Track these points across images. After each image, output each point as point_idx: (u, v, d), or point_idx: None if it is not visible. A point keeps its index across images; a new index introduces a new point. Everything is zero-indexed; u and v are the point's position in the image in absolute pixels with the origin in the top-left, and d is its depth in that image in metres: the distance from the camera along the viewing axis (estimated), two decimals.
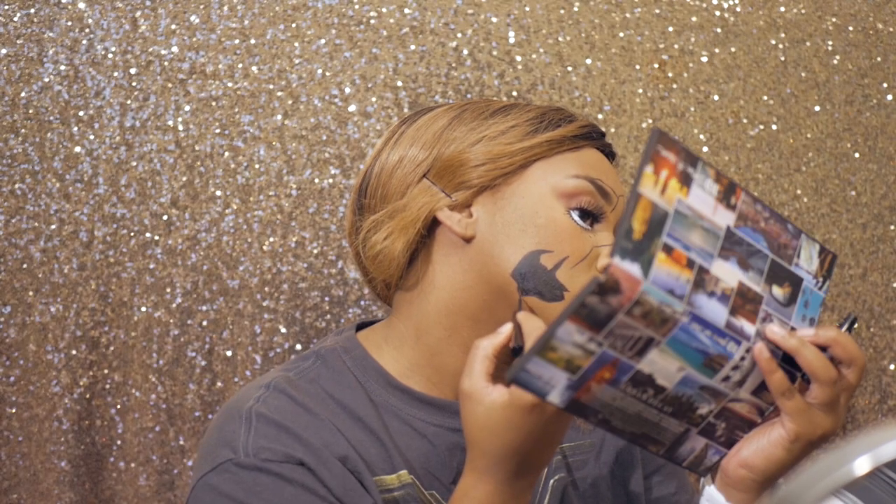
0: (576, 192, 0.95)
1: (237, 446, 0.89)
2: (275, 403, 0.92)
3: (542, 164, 0.97)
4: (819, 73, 1.52)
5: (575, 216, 0.94)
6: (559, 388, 0.76)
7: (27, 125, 1.45)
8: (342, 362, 0.97)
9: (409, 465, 0.94)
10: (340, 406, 0.95)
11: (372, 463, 0.92)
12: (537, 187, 0.95)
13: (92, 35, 1.45)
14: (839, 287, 1.51)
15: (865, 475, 0.53)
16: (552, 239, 0.93)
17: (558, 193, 0.95)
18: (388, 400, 0.96)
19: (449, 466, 0.95)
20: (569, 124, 0.99)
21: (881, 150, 1.53)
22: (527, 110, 1.01)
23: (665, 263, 0.76)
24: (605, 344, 0.75)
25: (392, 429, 0.95)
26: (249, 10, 1.46)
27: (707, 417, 0.85)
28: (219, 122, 1.46)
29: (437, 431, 0.96)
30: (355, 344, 0.99)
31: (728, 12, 1.51)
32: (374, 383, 0.97)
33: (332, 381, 0.96)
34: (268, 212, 1.46)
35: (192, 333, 1.46)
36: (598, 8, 1.49)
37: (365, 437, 0.93)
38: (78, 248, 1.45)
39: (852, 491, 0.55)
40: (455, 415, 0.96)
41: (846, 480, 0.53)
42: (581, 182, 0.95)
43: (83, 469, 1.46)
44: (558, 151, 0.97)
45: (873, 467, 0.53)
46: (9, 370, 1.45)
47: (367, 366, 0.97)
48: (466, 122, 1.00)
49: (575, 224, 0.94)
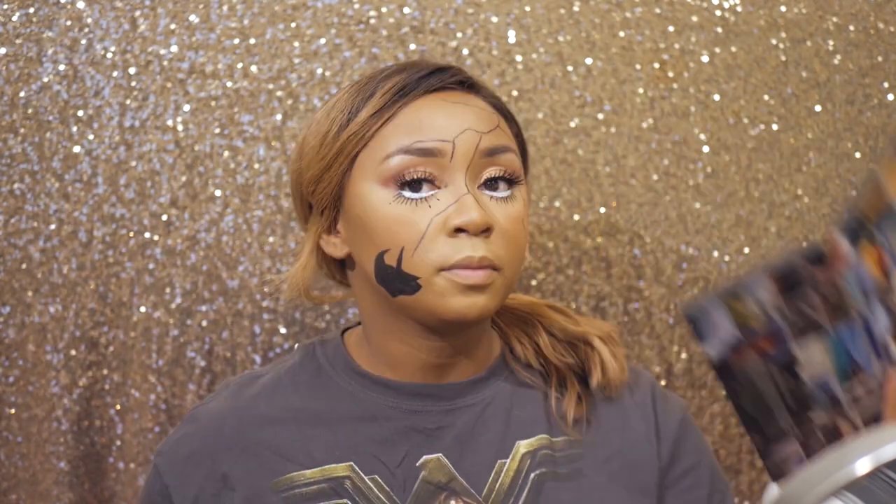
0: (394, 172, 0.92)
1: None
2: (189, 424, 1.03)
3: (361, 156, 0.94)
4: (820, 73, 1.52)
5: (407, 194, 0.91)
6: (721, 341, 0.73)
7: (26, 125, 1.45)
8: (315, 356, 1.03)
9: (354, 450, 0.97)
10: (287, 407, 1.00)
11: (290, 459, 0.96)
12: (361, 187, 0.94)
13: (91, 35, 1.45)
14: None
15: (866, 475, 0.53)
16: (385, 235, 0.92)
17: (382, 181, 0.92)
18: (347, 385, 1.00)
19: (397, 449, 0.97)
20: (374, 95, 0.95)
21: (882, 150, 1.52)
22: (345, 94, 0.97)
23: (870, 258, 0.72)
24: (782, 312, 0.72)
25: (344, 417, 0.98)
26: (249, 10, 1.46)
27: (815, 426, 0.81)
28: (218, 122, 1.46)
29: (391, 413, 0.98)
30: (335, 337, 1.05)
31: (729, 12, 1.51)
32: (340, 371, 1.01)
33: (296, 375, 1.02)
34: (268, 212, 1.46)
35: (191, 334, 1.46)
36: (598, 7, 1.49)
37: (304, 431, 0.98)
38: (77, 248, 1.45)
39: (853, 491, 0.55)
40: (413, 396, 0.99)
41: (847, 481, 0.53)
42: (395, 160, 0.92)
43: (82, 469, 1.46)
44: (374, 133, 0.94)
45: (874, 468, 0.53)
46: (8, 370, 1.45)
47: (336, 356, 1.02)
48: (315, 123, 1.00)
49: (403, 208, 0.91)
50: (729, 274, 1.50)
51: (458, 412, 1.00)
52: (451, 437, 0.98)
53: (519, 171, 0.96)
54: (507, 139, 0.96)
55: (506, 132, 0.97)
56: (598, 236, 1.49)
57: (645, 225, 1.48)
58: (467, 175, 0.92)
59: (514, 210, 0.95)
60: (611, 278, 1.48)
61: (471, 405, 1.00)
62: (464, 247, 0.90)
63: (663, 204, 1.49)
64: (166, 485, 0.99)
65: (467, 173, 0.92)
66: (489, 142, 0.93)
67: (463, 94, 0.96)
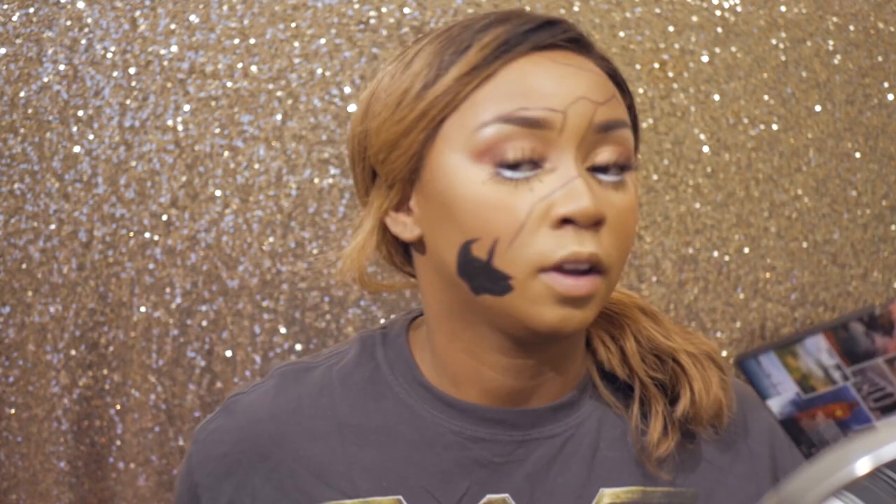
0: (490, 145, 0.74)
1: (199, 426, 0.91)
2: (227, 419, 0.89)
3: (450, 122, 0.77)
4: (820, 73, 1.52)
5: (505, 173, 0.74)
6: (783, 398, 0.70)
7: (26, 125, 1.45)
8: (374, 354, 0.87)
9: (405, 482, 0.82)
10: (333, 416, 0.85)
11: (330, 484, 0.83)
12: (448, 160, 0.76)
13: (91, 35, 1.45)
14: (839, 287, 1.50)
15: (866, 475, 0.53)
16: (475, 222, 0.75)
17: (474, 155, 0.75)
18: (407, 398, 0.84)
19: (456, 485, 0.82)
20: (469, 49, 0.77)
21: (882, 150, 1.52)
22: (430, 45, 0.79)
23: None
24: (850, 380, 0.69)
25: (397, 438, 0.83)
26: (249, 10, 1.46)
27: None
28: (218, 122, 1.46)
29: (453, 439, 0.82)
30: (400, 331, 0.88)
31: (729, 12, 1.50)
32: (400, 377, 0.85)
33: (350, 375, 0.87)
34: (268, 212, 1.46)
35: (191, 334, 1.46)
36: (598, 7, 1.49)
37: (349, 450, 0.84)
38: (77, 248, 1.45)
39: (853, 491, 0.55)
40: (481, 422, 0.82)
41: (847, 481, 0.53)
42: (493, 129, 0.74)
43: (82, 469, 1.45)
44: (467, 95, 0.76)
45: (874, 467, 0.53)
46: (8, 371, 1.45)
47: (398, 358, 0.86)
48: (389, 77, 0.81)
49: (499, 190, 0.74)
50: (729, 274, 1.50)
51: (532, 444, 0.83)
52: (521, 475, 0.82)
53: (632, 153, 0.79)
54: (623, 112, 0.79)
55: (621, 104, 0.79)
56: None
57: (645, 225, 1.48)
58: (578, 153, 0.75)
59: (626, 199, 0.77)
60: None
61: (549, 437, 0.83)
62: (569, 241, 0.74)
63: (663, 204, 1.49)
64: (196, 484, 0.87)
65: (578, 151, 0.75)
66: (605, 115, 0.76)
67: (576, 55, 0.78)
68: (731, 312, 1.49)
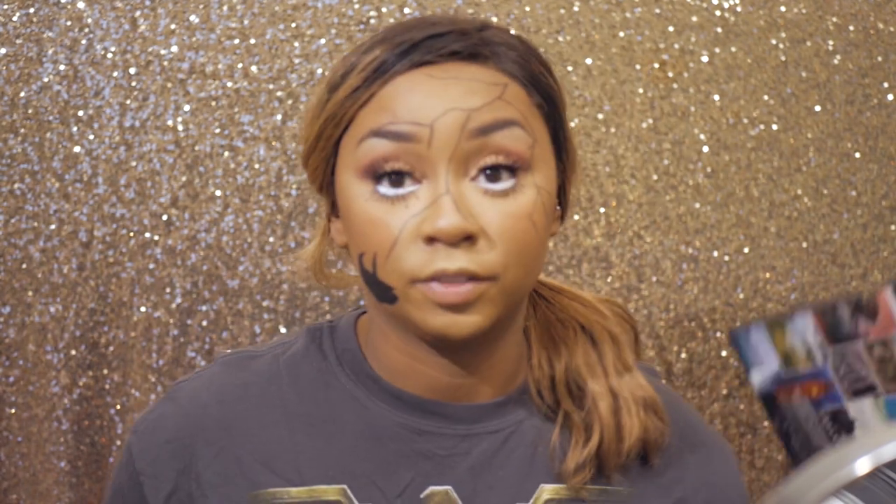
0: (367, 161, 0.77)
1: None
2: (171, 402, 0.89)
3: (343, 141, 0.80)
4: (820, 73, 1.52)
5: (383, 190, 0.77)
6: (765, 372, 0.72)
7: (26, 125, 1.45)
8: (322, 346, 0.89)
9: (351, 471, 0.83)
10: (280, 405, 0.86)
11: (275, 471, 0.83)
12: (344, 177, 0.79)
13: (91, 35, 1.45)
14: (840, 287, 1.51)
15: (866, 475, 0.53)
16: (361, 237, 0.78)
17: (358, 173, 0.77)
18: (354, 389, 0.85)
19: (400, 475, 0.83)
20: (352, 71, 0.79)
21: (882, 150, 1.52)
22: (342, 57, 0.82)
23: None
24: (830, 360, 0.70)
25: (344, 428, 0.84)
26: (249, 10, 1.46)
27: None
28: (218, 122, 1.46)
29: (398, 431, 0.84)
30: (348, 324, 0.89)
31: (728, 12, 1.51)
32: (348, 369, 0.87)
33: (297, 365, 0.88)
34: (268, 212, 1.46)
35: (191, 334, 1.46)
36: (598, 8, 1.49)
37: (296, 439, 0.84)
38: (77, 248, 1.45)
39: (853, 491, 0.55)
40: (427, 414, 0.84)
41: (847, 480, 0.53)
42: (367, 144, 0.77)
43: (82, 469, 1.45)
44: (352, 115, 0.78)
45: (874, 468, 0.53)
46: (8, 370, 1.45)
47: (346, 350, 0.87)
48: (319, 84, 0.84)
49: (378, 207, 0.76)
50: (729, 274, 1.50)
51: (475, 439, 0.84)
52: (464, 468, 0.83)
53: (526, 153, 0.78)
54: (510, 111, 0.78)
55: (513, 103, 0.78)
56: (598, 236, 1.49)
57: (645, 225, 1.48)
58: (451, 166, 0.76)
59: (516, 206, 0.77)
60: (611, 278, 1.48)
61: (493, 432, 0.85)
62: (438, 257, 0.75)
63: (663, 204, 1.49)
64: (138, 472, 0.86)
65: (451, 164, 0.76)
66: (481, 119, 0.76)
67: (460, 64, 0.78)
68: (731, 312, 1.49)
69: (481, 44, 0.79)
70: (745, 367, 0.73)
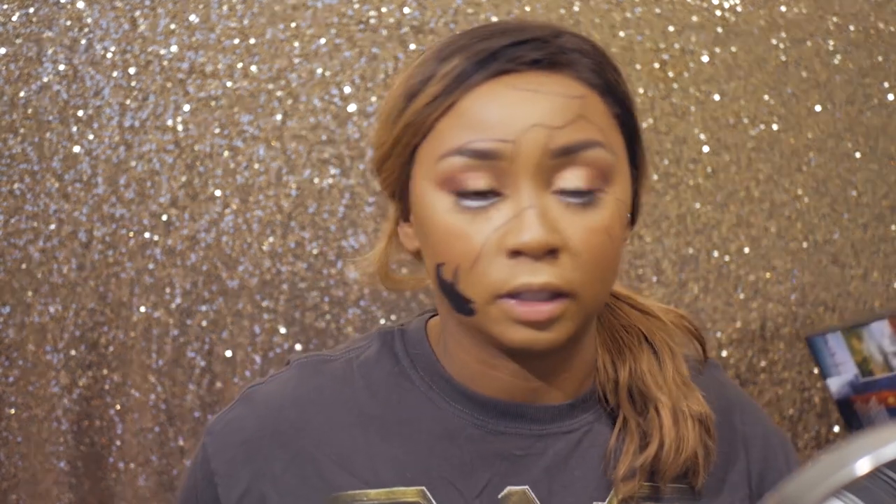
0: (448, 175, 0.77)
1: None
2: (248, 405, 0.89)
3: (421, 149, 0.79)
4: (820, 73, 1.52)
5: (465, 203, 0.77)
6: (842, 379, 0.72)
7: (26, 125, 1.45)
8: (394, 349, 0.89)
9: (428, 473, 0.83)
10: (355, 408, 0.86)
11: (353, 473, 0.84)
12: (421, 184, 0.79)
13: (91, 35, 1.45)
14: (840, 287, 1.50)
15: (866, 475, 0.53)
16: (441, 247, 0.78)
17: (438, 184, 0.78)
18: (428, 391, 0.86)
19: (478, 476, 0.83)
20: (432, 78, 0.78)
21: (882, 150, 1.52)
22: (416, 63, 0.81)
23: None
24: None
25: (420, 430, 0.85)
26: (249, 10, 1.46)
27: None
28: (218, 122, 1.46)
29: (475, 433, 0.84)
30: (419, 326, 0.90)
31: (729, 12, 1.50)
32: (422, 371, 0.87)
33: (371, 369, 0.88)
34: (267, 212, 1.46)
35: (191, 334, 1.46)
36: (598, 7, 1.49)
37: (371, 441, 0.85)
38: (77, 248, 1.45)
39: (853, 491, 0.55)
40: (502, 416, 0.84)
41: (847, 481, 0.53)
42: (449, 161, 0.77)
43: (82, 470, 1.45)
44: (431, 123, 0.78)
45: (874, 468, 0.53)
46: (8, 371, 1.45)
47: (419, 352, 0.88)
48: (394, 88, 0.83)
49: (460, 219, 0.77)
50: (729, 274, 1.50)
51: (550, 438, 0.85)
52: (539, 468, 0.84)
53: (609, 170, 0.78)
54: (591, 132, 0.78)
55: (594, 120, 0.78)
56: None
57: (645, 225, 1.48)
58: (534, 180, 0.76)
59: (595, 220, 0.77)
60: None
61: (567, 432, 0.85)
62: (523, 271, 0.75)
63: (663, 204, 1.49)
64: (213, 472, 0.87)
65: (533, 178, 0.76)
66: (563, 139, 0.76)
67: (540, 74, 0.78)
68: (731, 312, 1.49)
69: (559, 52, 0.79)
70: (821, 374, 0.73)
